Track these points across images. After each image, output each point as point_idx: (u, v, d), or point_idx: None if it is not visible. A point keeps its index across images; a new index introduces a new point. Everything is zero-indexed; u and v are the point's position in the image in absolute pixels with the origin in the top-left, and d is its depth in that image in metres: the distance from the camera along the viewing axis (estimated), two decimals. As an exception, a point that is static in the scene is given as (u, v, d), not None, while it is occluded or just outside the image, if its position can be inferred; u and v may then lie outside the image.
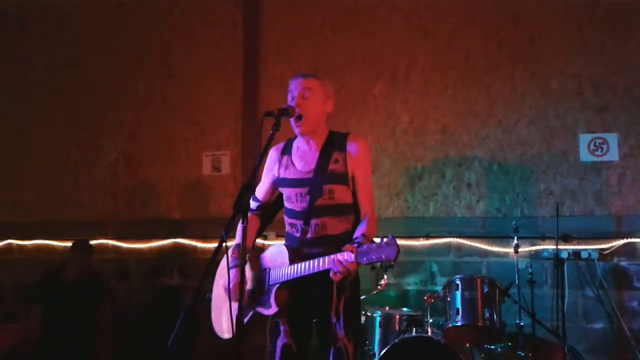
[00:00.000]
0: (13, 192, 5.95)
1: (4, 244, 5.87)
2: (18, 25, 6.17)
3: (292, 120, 2.78)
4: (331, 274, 2.46)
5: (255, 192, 2.98)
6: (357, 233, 2.64)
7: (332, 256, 2.46)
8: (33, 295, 5.03)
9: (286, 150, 2.93)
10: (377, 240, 2.38)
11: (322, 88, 2.85)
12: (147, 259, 5.50)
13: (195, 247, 5.39)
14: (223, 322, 2.90)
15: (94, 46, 5.91)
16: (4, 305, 5.80)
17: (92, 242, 5.57)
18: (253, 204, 2.98)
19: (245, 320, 2.67)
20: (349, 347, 2.63)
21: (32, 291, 5.09)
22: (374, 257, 2.33)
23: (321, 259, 2.51)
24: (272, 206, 3.03)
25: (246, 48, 5.50)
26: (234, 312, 2.28)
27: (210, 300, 3.00)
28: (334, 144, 2.82)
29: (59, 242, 5.71)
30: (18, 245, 5.85)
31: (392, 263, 2.36)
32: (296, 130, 2.82)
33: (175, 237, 5.44)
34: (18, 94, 6.07)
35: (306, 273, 2.57)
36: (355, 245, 2.41)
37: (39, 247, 5.79)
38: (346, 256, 2.41)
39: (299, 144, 2.91)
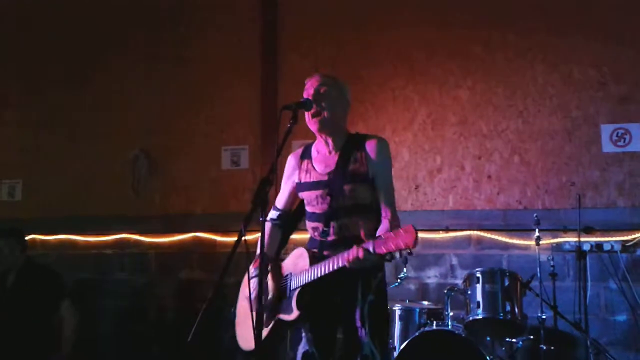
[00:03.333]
0: (35, 188, 6.04)
1: (28, 239, 5.93)
2: (36, 24, 6.24)
3: (307, 116, 2.75)
4: (346, 262, 2.38)
5: (275, 202, 2.96)
6: (379, 232, 2.53)
7: (351, 250, 2.39)
8: None
9: (305, 155, 2.89)
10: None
11: (339, 87, 2.82)
12: (168, 253, 5.55)
13: (215, 241, 5.43)
14: (246, 335, 2.77)
15: (111, 42, 5.96)
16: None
17: (114, 237, 5.64)
18: (274, 214, 2.93)
19: (267, 330, 2.64)
20: (377, 353, 2.55)
21: None
22: (392, 245, 2.26)
23: (340, 255, 2.44)
24: (294, 215, 2.96)
25: (264, 42, 5.51)
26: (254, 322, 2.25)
27: (234, 314, 2.93)
28: (353, 145, 2.77)
29: (81, 237, 5.80)
30: (41, 240, 5.93)
31: (410, 251, 2.30)
32: (312, 127, 2.77)
33: (195, 231, 5.47)
34: (37, 91, 6.14)
35: (326, 272, 2.49)
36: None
37: (62, 242, 5.87)
38: (364, 246, 2.35)
39: (318, 148, 2.86)
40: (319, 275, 2.53)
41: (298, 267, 2.67)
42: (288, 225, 2.97)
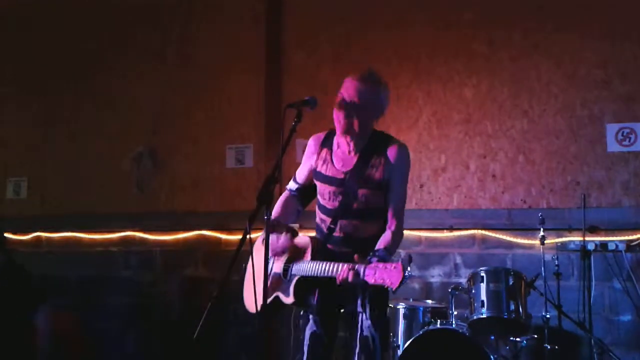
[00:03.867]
0: (40, 185, 6.06)
1: (33, 237, 5.99)
2: (42, 21, 6.26)
3: (335, 111, 2.72)
4: (337, 277, 2.45)
5: (296, 175, 3.02)
6: (380, 245, 2.60)
7: (346, 266, 2.43)
8: None
9: (326, 143, 2.88)
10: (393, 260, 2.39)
11: (376, 94, 2.77)
12: (173, 250, 5.57)
13: (219, 239, 5.44)
14: (251, 296, 2.83)
15: (117, 41, 5.97)
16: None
17: (119, 235, 5.66)
18: (293, 185, 3.00)
19: (268, 300, 2.68)
20: (376, 337, 2.64)
21: None
22: (378, 278, 2.31)
23: (336, 266, 2.49)
24: (312, 189, 2.98)
25: (268, 40, 5.51)
26: (259, 291, 2.33)
27: (245, 270, 2.95)
28: (374, 147, 2.76)
29: (86, 235, 5.81)
30: (46, 237, 5.96)
31: (393, 290, 2.32)
32: (337, 125, 2.73)
33: (200, 229, 5.49)
34: (41, 89, 6.16)
35: (321, 275, 2.56)
36: (370, 258, 2.40)
37: (67, 239, 5.89)
38: (356, 269, 2.39)
39: (339, 142, 2.84)
40: (314, 274, 2.60)
41: (301, 254, 2.74)
42: (305, 197, 3.02)
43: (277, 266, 2.81)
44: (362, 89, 2.72)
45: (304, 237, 2.80)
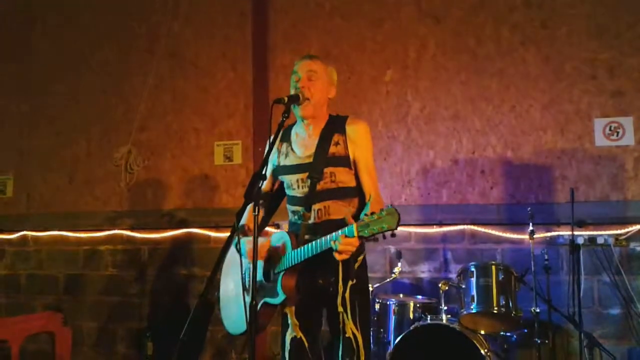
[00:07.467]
0: (27, 184, 6.01)
1: (19, 236, 5.94)
2: (26, 18, 6.20)
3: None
4: (335, 253, 2.40)
5: None
6: (362, 215, 2.58)
7: (334, 233, 2.41)
8: None
9: (285, 138, 2.90)
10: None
11: (327, 73, 2.84)
12: (161, 249, 5.53)
13: (208, 237, 5.41)
14: (234, 318, 2.85)
15: (103, 38, 5.93)
16: (20, 296, 5.87)
17: (106, 233, 5.63)
18: None
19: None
20: (358, 336, 2.62)
21: None
22: (375, 228, 2.31)
23: (323, 238, 2.47)
24: (275, 195, 3.00)
25: (255, 37, 5.48)
26: (246, 304, 2.28)
27: (218, 298, 2.95)
28: (333, 127, 2.79)
29: (73, 233, 5.77)
30: (33, 236, 5.91)
31: (394, 232, 2.31)
32: (298, 113, 2.79)
33: (188, 227, 5.45)
34: (28, 87, 6.11)
35: (309, 255, 2.53)
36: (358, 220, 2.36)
37: (54, 238, 5.84)
38: (347, 231, 2.37)
39: (297, 131, 2.88)
40: (302, 258, 2.56)
41: (280, 250, 2.69)
42: (269, 207, 3.00)
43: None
44: (313, 64, 2.80)
45: (279, 233, 2.75)
